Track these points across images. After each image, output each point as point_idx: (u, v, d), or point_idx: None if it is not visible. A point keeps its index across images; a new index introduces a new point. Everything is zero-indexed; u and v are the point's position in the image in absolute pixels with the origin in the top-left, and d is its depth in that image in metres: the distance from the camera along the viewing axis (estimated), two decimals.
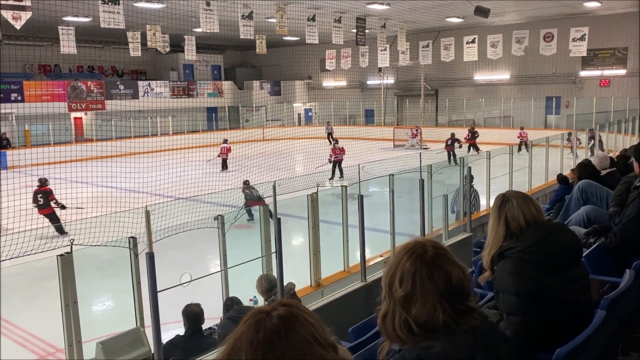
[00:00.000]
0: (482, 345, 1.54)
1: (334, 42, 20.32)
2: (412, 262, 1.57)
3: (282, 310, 1.19)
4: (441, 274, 1.55)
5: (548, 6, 22.93)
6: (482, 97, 30.38)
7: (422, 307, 1.53)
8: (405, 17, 23.11)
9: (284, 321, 1.17)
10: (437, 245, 1.63)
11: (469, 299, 1.57)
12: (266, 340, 1.13)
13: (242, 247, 6.65)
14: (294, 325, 1.17)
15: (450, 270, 1.56)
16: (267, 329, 1.15)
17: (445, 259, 1.58)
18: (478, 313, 1.59)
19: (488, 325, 1.63)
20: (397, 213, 7.46)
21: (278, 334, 1.14)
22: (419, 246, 1.61)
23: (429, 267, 1.55)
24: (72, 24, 18.53)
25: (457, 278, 1.55)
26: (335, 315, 5.06)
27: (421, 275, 1.55)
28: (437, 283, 1.54)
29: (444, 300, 1.52)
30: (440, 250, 1.60)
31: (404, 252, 1.61)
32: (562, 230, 2.46)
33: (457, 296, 1.55)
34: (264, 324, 1.16)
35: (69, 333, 4.35)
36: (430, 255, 1.57)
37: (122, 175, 14.35)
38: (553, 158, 13.29)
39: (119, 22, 13.78)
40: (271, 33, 19.46)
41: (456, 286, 1.54)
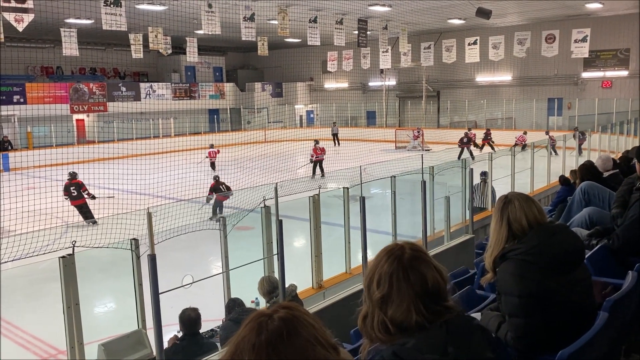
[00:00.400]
0: (455, 337, 1.57)
1: (336, 44, 20.35)
2: (390, 264, 1.61)
3: (283, 313, 1.20)
4: (417, 276, 1.57)
5: (550, 7, 22.92)
6: (483, 98, 30.36)
7: (397, 307, 1.57)
8: (407, 18, 23.12)
9: (285, 323, 1.17)
10: (416, 247, 1.66)
11: (446, 299, 1.60)
12: (268, 343, 1.14)
13: (243, 249, 6.66)
14: (295, 327, 1.17)
15: (426, 272, 1.58)
16: (269, 332, 1.15)
17: (422, 261, 1.61)
18: (457, 309, 1.62)
19: (463, 319, 1.66)
20: (399, 215, 7.45)
21: (280, 335, 1.15)
22: (397, 248, 1.64)
23: (405, 268, 1.59)
24: (74, 26, 18.56)
25: (433, 280, 1.58)
26: (337, 317, 5.05)
27: (397, 276, 1.58)
28: (413, 284, 1.57)
29: (419, 301, 1.56)
30: (418, 252, 1.63)
31: (383, 254, 1.65)
32: (565, 232, 2.45)
33: (434, 297, 1.57)
34: (266, 326, 1.16)
35: (71, 335, 4.35)
36: (407, 258, 1.60)
37: (124, 177, 14.36)
38: (555, 159, 13.28)
39: (121, 24, 13.81)
40: (273, 35, 19.48)
41: (432, 287, 1.57)
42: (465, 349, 1.58)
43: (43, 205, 12.15)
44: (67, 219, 12.18)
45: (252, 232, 6.68)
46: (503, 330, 2.39)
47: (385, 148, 27.55)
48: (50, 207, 12.35)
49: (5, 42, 17.64)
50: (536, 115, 28.14)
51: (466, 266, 5.46)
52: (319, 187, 6.55)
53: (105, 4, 13.46)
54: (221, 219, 5.93)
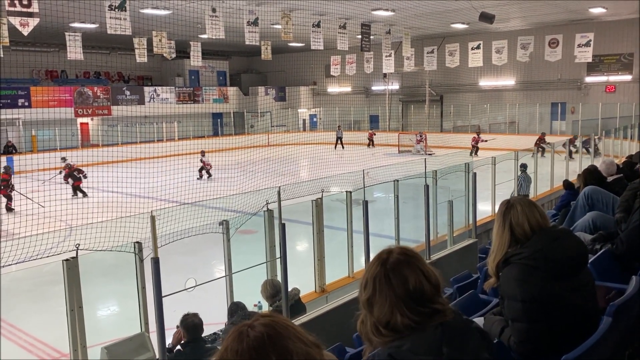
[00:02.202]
0: (451, 339, 1.60)
1: (339, 48, 20.37)
2: (375, 267, 1.67)
3: (263, 320, 1.25)
4: (398, 279, 1.62)
5: (553, 12, 22.92)
6: (487, 103, 30.34)
7: (380, 308, 1.62)
8: (410, 23, 23.15)
9: (266, 328, 1.22)
10: (404, 252, 1.69)
11: (433, 302, 1.62)
12: (252, 347, 1.19)
13: (246, 253, 6.66)
14: (276, 329, 1.23)
15: (409, 275, 1.62)
16: (250, 338, 1.20)
17: (406, 264, 1.65)
18: (449, 311, 1.65)
19: (460, 321, 1.69)
20: (402, 219, 7.46)
21: (262, 340, 1.20)
22: (385, 253, 1.70)
23: (387, 272, 1.64)
24: (79, 30, 18.66)
25: (415, 282, 1.61)
26: (340, 321, 5.03)
27: (380, 279, 1.64)
28: (395, 287, 1.62)
29: (401, 303, 1.60)
30: (404, 257, 1.67)
31: (374, 258, 1.72)
32: (568, 237, 2.45)
33: (417, 299, 1.61)
34: (247, 334, 1.21)
35: (74, 338, 4.36)
36: (392, 261, 1.65)
37: (127, 180, 14.40)
38: (558, 164, 13.26)
39: (125, 29, 13.86)
40: (276, 39, 19.53)
41: (414, 290, 1.61)
42: (460, 350, 1.61)
43: (47, 208, 12.20)
44: (71, 221, 12.21)
45: (255, 235, 6.68)
46: (506, 335, 2.39)
47: (388, 152, 27.54)
48: (55, 210, 12.39)
49: (11, 46, 17.78)
50: (539, 119, 28.10)
51: (469, 270, 5.45)
52: (321, 191, 6.56)
53: (110, 9, 13.53)
54: (224, 223, 5.94)
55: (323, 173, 17.20)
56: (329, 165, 19.06)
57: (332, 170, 18.41)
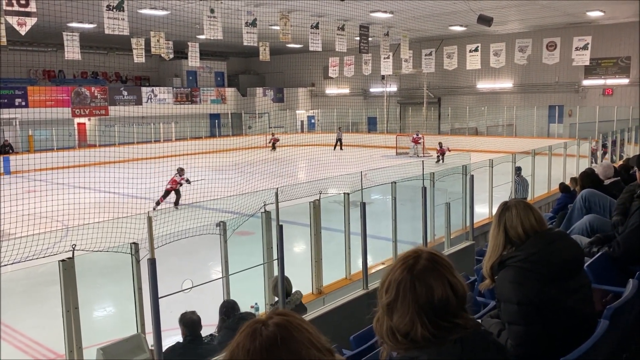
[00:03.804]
0: (470, 356, 1.53)
1: (337, 50, 20.40)
2: (401, 271, 1.57)
3: (277, 319, 1.21)
4: (423, 288, 1.52)
5: (551, 15, 22.98)
6: (484, 105, 30.40)
7: (401, 317, 1.53)
8: (409, 25, 23.18)
9: (280, 328, 1.18)
10: (435, 258, 1.59)
11: (456, 316, 1.54)
12: (263, 347, 1.15)
13: (243, 254, 6.65)
14: (290, 332, 1.18)
15: (435, 285, 1.52)
16: (263, 337, 1.16)
17: (434, 272, 1.54)
18: (470, 325, 1.56)
19: (479, 335, 1.60)
20: (400, 221, 7.45)
21: (274, 340, 1.16)
22: (413, 256, 1.59)
23: (413, 279, 1.54)
24: (77, 30, 18.64)
25: (441, 294, 1.52)
26: (337, 323, 5.04)
27: (404, 286, 1.54)
28: (418, 296, 1.52)
29: (423, 314, 1.51)
30: (433, 264, 1.56)
31: (400, 259, 1.62)
32: (564, 240, 2.45)
33: (439, 313, 1.52)
34: (260, 332, 1.17)
35: (70, 339, 4.35)
36: (419, 268, 1.55)
37: (124, 181, 14.37)
38: (556, 167, 13.28)
39: (123, 29, 13.85)
40: (275, 40, 19.54)
41: (438, 302, 1.51)
42: None
43: (43, 209, 12.16)
44: (67, 222, 12.17)
45: (252, 237, 6.67)
46: (503, 338, 2.39)
47: (386, 154, 27.56)
48: (51, 211, 12.34)
49: (8, 45, 17.70)
50: (537, 122, 28.16)
51: (466, 273, 5.45)
52: (319, 193, 6.55)
53: (107, 9, 13.51)
54: (221, 224, 5.92)
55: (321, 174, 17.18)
56: (327, 167, 19.06)
57: (329, 171, 18.41)
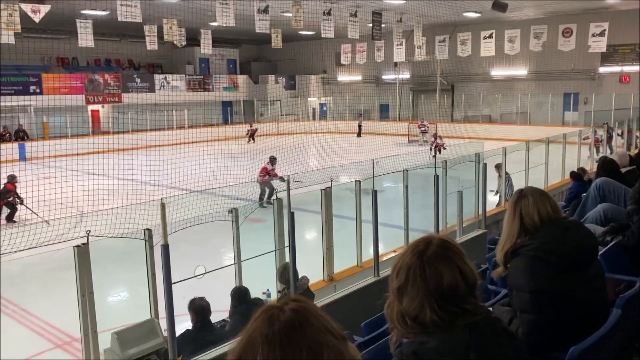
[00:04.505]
0: (478, 342, 1.54)
1: (350, 37, 20.25)
2: (412, 256, 1.59)
3: (293, 305, 1.20)
4: (433, 273, 1.55)
5: (567, 1, 22.62)
6: (498, 92, 30.09)
7: (410, 301, 1.56)
8: (422, 11, 22.94)
9: (297, 314, 1.18)
10: (446, 244, 1.60)
11: (466, 302, 1.55)
12: (282, 333, 1.14)
13: (255, 241, 6.69)
14: (307, 318, 1.18)
15: (445, 271, 1.54)
16: (281, 322, 1.16)
17: (444, 258, 1.57)
18: (480, 311, 1.58)
19: (489, 322, 1.61)
20: (411, 209, 7.43)
21: (293, 326, 1.15)
22: (425, 242, 1.61)
23: (423, 264, 1.56)
24: (90, 17, 18.67)
25: (450, 280, 1.54)
26: (348, 310, 5.07)
27: (414, 270, 1.57)
28: (428, 281, 1.54)
29: (432, 298, 1.53)
30: (444, 250, 1.58)
31: (412, 245, 1.64)
32: (578, 228, 2.43)
33: (449, 298, 1.53)
34: (278, 317, 1.17)
35: (85, 323, 4.41)
36: (430, 254, 1.57)
37: (138, 167, 14.47)
38: (570, 155, 13.15)
39: (136, 16, 13.87)
40: (287, 27, 19.44)
41: (448, 288, 1.53)
42: (487, 355, 1.55)
43: (58, 195, 12.31)
44: (82, 208, 12.31)
45: (264, 224, 6.71)
46: (514, 326, 2.39)
47: (398, 141, 27.44)
48: (66, 197, 12.49)
49: (22, 32, 17.81)
50: (551, 110, 27.82)
51: (478, 261, 5.44)
52: (331, 180, 6.55)
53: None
54: (234, 211, 5.96)
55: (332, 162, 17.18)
56: (339, 155, 19.03)
57: (341, 159, 18.39)
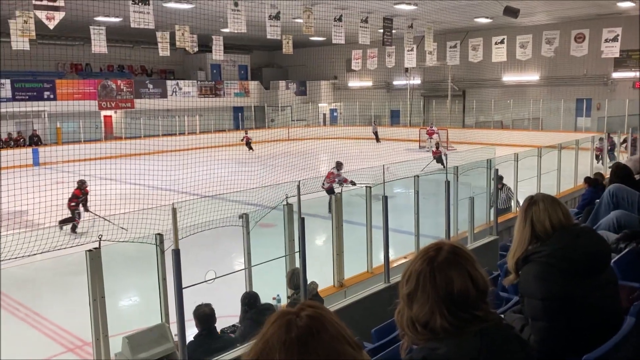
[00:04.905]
0: (489, 348, 1.53)
1: (361, 42, 20.28)
2: (421, 262, 1.59)
3: (310, 311, 1.20)
4: (443, 279, 1.54)
5: (580, 6, 22.47)
6: (510, 98, 29.93)
7: (420, 307, 1.56)
8: (433, 17, 22.92)
9: (313, 321, 1.18)
10: (456, 250, 1.60)
11: (476, 309, 1.55)
12: (300, 339, 1.14)
13: (266, 246, 6.69)
14: (324, 325, 1.18)
15: (455, 277, 1.54)
16: (299, 328, 1.16)
17: (455, 264, 1.56)
18: (491, 318, 1.57)
19: (500, 328, 1.61)
20: (422, 215, 7.41)
21: (310, 332, 1.15)
22: (435, 248, 1.61)
23: (433, 270, 1.56)
24: (103, 24, 18.88)
25: (461, 286, 1.53)
26: (358, 316, 5.05)
27: (424, 276, 1.56)
28: (438, 287, 1.54)
29: (442, 304, 1.53)
30: (454, 256, 1.58)
31: (422, 251, 1.64)
32: (590, 235, 2.41)
33: (459, 304, 1.53)
34: (295, 323, 1.17)
35: (96, 327, 4.44)
36: (440, 260, 1.57)
37: (150, 172, 14.57)
38: (583, 161, 13.04)
39: (148, 22, 13.99)
40: (298, 33, 19.51)
41: (458, 294, 1.53)
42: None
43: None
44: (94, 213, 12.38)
45: (274, 229, 6.71)
46: (526, 333, 2.36)
47: (409, 147, 27.38)
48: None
49: (37, 39, 18.05)
50: (564, 116, 27.62)
51: (489, 268, 5.39)
52: (341, 186, 6.55)
53: (133, 2, 13.66)
54: (244, 216, 5.98)
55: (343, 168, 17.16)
56: (349, 160, 19.03)
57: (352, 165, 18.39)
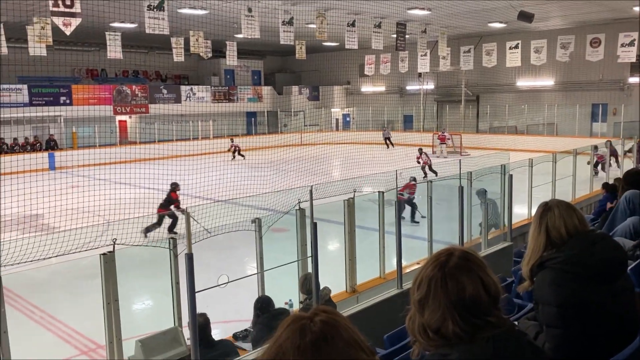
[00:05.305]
0: (502, 355, 1.52)
1: (374, 48, 20.28)
2: (432, 268, 1.59)
3: (324, 316, 1.20)
4: (455, 285, 1.54)
5: (595, 11, 22.28)
6: (524, 103, 29.72)
7: (432, 313, 1.55)
8: (447, 22, 22.87)
9: (327, 326, 1.18)
10: (467, 256, 1.60)
11: (489, 314, 1.54)
12: (313, 344, 1.14)
13: (278, 251, 6.70)
14: (338, 330, 1.18)
15: (467, 282, 1.53)
16: (313, 333, 1.16)
17: (466, 270, 1.56)
18: (503, 324, 1.56)
19: (513, 335, 1.59)
20: (436, 220, 7.38)
21: (324, 338, 1.15)
22: (445, 254, 1.61)
23: (445, 275, 1.55)
24: (119, 30, 19.10)
25: (472, 292, 1.53)
26: (371, 322, 5.03)
27: (435, 282, 1.56)
28: (449, 293, 1.54)
29: (454, 310, 1.52)
30: (465, 261, 1.58)
31: (433, 257, 1.64)
32: (606, 241, 2.38)
33: (471, 310, 1.52)
34: (310, 328, 1.17)
35: (110, 330, 4.47)
36: (451, 265, 1.57)
37: (163, 177, 14.66)
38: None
39: (163, 28, 14.12)
40: (311, 39, 19.58)
41: (470, 300, 1.52)
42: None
43: (86, 204, 12.54)
44: (108, 217, 12.51)
45: (287, 234, 6.72)
46: (541, 341, 2.34)
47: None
48: (93, 205, 12.72)
49: (54, 45, 18.32)
50: (579, 121, 27.36)
51: (504, 274, 5.36)
52: (354, 191, 6.54)
53: (148, 9, 13.80)
54: (257, 221, 5.99)
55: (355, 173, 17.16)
56: (362, 165, 19.00)
57: (364, 170, 18.36)
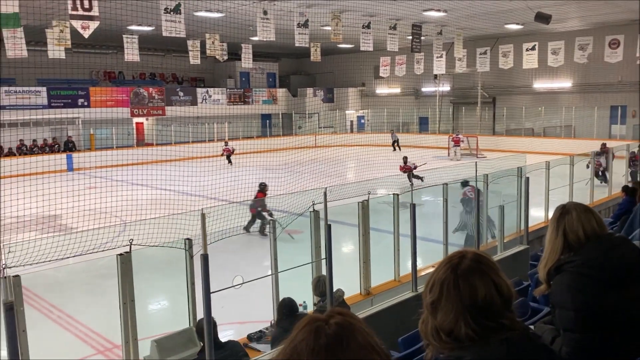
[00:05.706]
0: (515, 357, 1.51)
1: (389, 49, 20.24)
2: (445, 270, 1.59)
3: (339, 319, 1.20)
4: (467, 287, 1.54)
5: (614, 12, 21.99)
6: (541, 105, 29.43)
7: (445, 316, 1.55)
8: (463, 23, 22.75)
9: (343, 329, 1.18)
10: (480, 258, 1.59)
11: (502, 317, 1.53)
12: (328, 347, 1.14)
13: (292, 252, 6.71)
14: (353, 333, 1.18)
15: (479, 285, 1.53)
16: (327, 336, 1.15)
17: (478, 272, 1.56)
18: (517, 326, 1.55)
19: (527, 337, 1.59)
20: (451, 223, 7.33)
21: (339, 340, 1.15)
22: (458, 257, 1.61)
23: (457, 278, 1.56)
24: (136, 33, 19.31)
25: (485, 294, 1.53)
26: (385, 325, 5.01)
27: (448, 285, 1.56)
28: (462, 295, 1.54)
29: (466, 313, 1.52)
30: (478, 264, 1.57)
31: (445, 260, 1.64)
32: (625, 245, 2.34)
33: (484, 312, 1.52)
34: (325, 330, 1.17)
35: (126, 330, 4.51)
36: (463, 267, 1.57)
37: (179, 178, 14.78)
38: (616, 169, 12.73)
39: (180, 31, 14.25)
40: (326, 41, 19.60)
41: (482, 302, 1.52)
42: None
43: (103, 204, 12.69)
44: (125, 217, 12.64)
45: (301, 236, 6.73)
46: (557, 345, 2.31)
47: (438, 155, 27.12)
48: (110, 206, 12.86)
49: (72, 48, 18.57)
50: (597, 123, 27.01)
51: (520, 278, 5.31)
52: (368, 193, 6.53)
53: (165, 12, 13.94)
54: (271, 222, 6.01)
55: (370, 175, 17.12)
56: (376, 167, 18.96)
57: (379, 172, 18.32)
